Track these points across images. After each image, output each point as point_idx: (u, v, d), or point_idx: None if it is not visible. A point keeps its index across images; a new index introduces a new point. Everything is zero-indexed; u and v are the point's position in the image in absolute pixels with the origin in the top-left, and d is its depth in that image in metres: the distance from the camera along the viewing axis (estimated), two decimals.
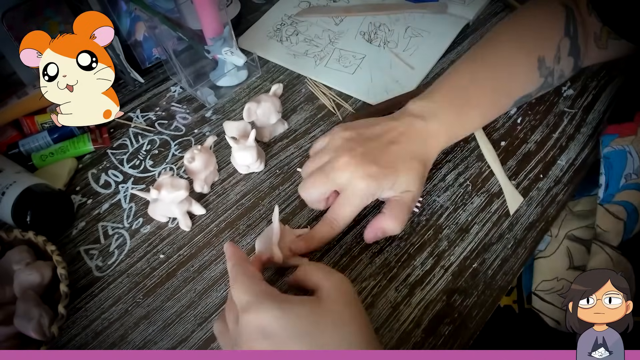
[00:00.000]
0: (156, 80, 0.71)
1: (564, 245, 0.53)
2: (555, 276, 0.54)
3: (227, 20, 0.64)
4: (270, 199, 0.57)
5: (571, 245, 0.55)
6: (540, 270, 0.52)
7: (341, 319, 0.35)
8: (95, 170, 0.61)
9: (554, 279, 0.54)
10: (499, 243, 0.52)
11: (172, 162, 0.61)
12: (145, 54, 0.71)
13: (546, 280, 0.55)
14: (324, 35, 0.76)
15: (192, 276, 0.51)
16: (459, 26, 0.74)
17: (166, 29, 0.62)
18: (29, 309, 0.45)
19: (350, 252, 0.51)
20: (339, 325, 0.35)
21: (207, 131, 0.64)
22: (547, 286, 0.54)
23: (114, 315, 0.49)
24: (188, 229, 0.54)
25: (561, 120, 0.62)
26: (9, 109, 0.63)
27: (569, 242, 0.55)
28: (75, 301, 0.50)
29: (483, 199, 0.55)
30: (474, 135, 0.61)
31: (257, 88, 0.69)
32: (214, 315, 0.48)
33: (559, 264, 0.55)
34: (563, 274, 0.54)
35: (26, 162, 0.60)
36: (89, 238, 0.55)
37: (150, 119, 0.67)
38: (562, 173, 0.57)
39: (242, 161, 0.56)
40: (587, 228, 0.55)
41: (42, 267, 0.48)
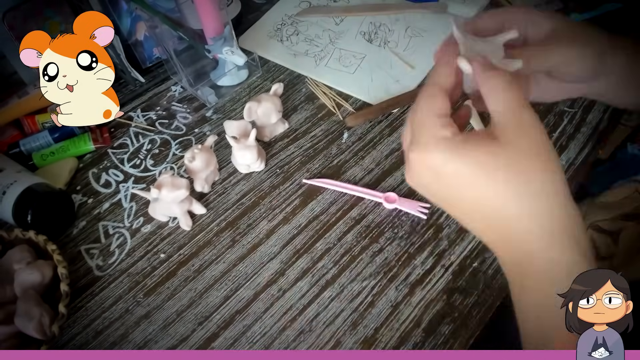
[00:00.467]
0: (157, 79, 0.71)
1: (588, 236, 0.53)
2: None
3: (227, 20, 0.64)
4: (271, 198, 0.57)
5: (597, 236, 0.54)
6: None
7: (527, 173, 0.29)
8: (95, 169, 0.61)
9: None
10: None
11: (173, 162, 0.61)
12: (145, 53, 0.71)
13: None
14: (324, 35, 0.76)
15: (192, 275, 0.51)
16: None
17: (167, 29, 0.62)
18: (29, 308, 0.45)
19: (351, 252, 0.51)
20: (522, 183, 0.29)
21: (208, 130, 0.64)
22: None
23: (115, 314, 0.49)
24: (188, 228, 0.55)
25: (561, 119, 0.62)
26: (10, 109, 0.63)
27: (594, 233, 0.54)
28: (76, 300, 0.50)
29: None
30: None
31: (258, 87, 0.69)
32: (215, 314, 0.48)
33: None
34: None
35: (27, 161, 0.60)
36: (89, 237, 0.55)
37: (151, 118, 0.67)
38: None
39: (243, 160, 0.56)
40: (613, 220, 0.54)
41: (42, 266, 0.48)
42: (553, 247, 0.29)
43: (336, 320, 0.47)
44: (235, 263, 0.52)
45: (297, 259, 0.52)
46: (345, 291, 0.49)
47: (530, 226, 0.29)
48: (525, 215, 0.29)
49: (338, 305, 0.48)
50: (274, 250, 0.52)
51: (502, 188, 0.29)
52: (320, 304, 0.48)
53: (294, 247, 0.53)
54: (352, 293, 0.49)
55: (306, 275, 0.50)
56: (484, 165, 0.29)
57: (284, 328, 0.47)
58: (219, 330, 0.47)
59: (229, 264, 0.52)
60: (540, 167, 0.29)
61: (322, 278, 0.50)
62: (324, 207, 0.55)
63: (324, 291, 0.49)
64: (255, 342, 0.47)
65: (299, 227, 0.54)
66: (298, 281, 0.50)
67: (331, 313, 0.48)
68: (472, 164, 0.29)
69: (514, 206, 0.29)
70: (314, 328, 0.47)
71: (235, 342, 0.47)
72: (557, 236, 0.29)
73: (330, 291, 0.49)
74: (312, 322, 0.47)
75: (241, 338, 0.47)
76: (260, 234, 0.54)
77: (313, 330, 0.47)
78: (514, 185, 0.29)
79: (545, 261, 0.29)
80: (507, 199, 0.29)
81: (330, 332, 0.47)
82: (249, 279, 0.50)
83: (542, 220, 0.29)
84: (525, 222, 0.29)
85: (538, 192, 0.29)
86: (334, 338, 0.46)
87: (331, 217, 0.54)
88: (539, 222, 0.29)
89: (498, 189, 0.29)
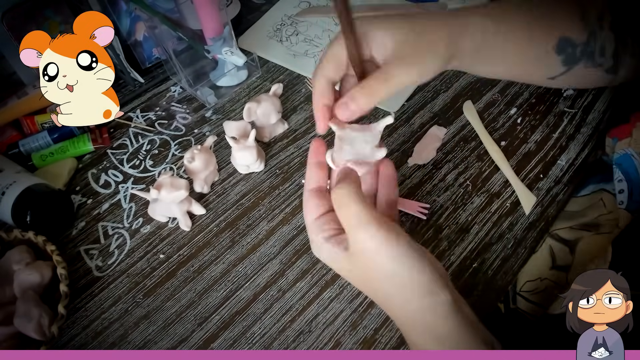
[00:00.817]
0: (156, 80, 0.71)
1: (547, 244, 0.53)
2: (539, 276, 0.54)
3: (227, 20, 0.64)
4: (271, 198, 0.57)
5: (555, 244, 0.55)
6: (524, 271, 0.53)
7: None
8: (95, 170, 0.61)
9: (537, 279, 0.54)
10: (499, 243, 0.52)
11: (172, 162, 0.61)
12: (145, 53, 0.71)
13: (530, 281, 0.55)
14: (323, 35, 0.76)
15: (192, 276, 0.51)
16: None
17: (166, 29, 0.62)
18: (29, 309, 0.45)
19: None
20: (371, 290, 0.38)
21: (207, 131, 0.64)
22: (531, 286, 0.55)
23: (114, 315, 0.49)
24: (188, 228, 0.55)
25: (561, 120, 0.62)
26: (9, 109, 0.63)
27: (552, 242, 0.55)
28: (75, 301, 0.50)
29: (483, 199, 0.55)
30: (475, 135, 0.61)
31: (257, 88, 0.69)
32: (214, 315, 0.48)
33: (542, 262, 0.55)
34: (546, 273, 0.54)
35: (26, 162, 0.60)
36: (89, 238, 0.55)
37: (150, 118, 0.67)
38: (562, 173, 0.57)
39: (242, 161, 0.56)
40: (572, 229, 0.55)
41: (42, 267, 0.48)
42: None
43: (336, 320, 0.47)
44: (235, 264, 0.52)
45: (297, 259, 0.52)
46: (344, 292, 0.49)
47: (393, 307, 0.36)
48: (382, 303, 0.37)
49: (338, 305, 0.48)
50: (273, 250, 0.52)
51: (362, 288, 0.38)
52: (319, 304, 0.48)
53: (293, 247, 0.52)
54: (351, 293, 0.49)
55: (306, 275, 0.50)
56: (347, 271, 0.37)
57: (283, 329, 0.47)
58: (218, 330, 0.47)
59: (229, 265, 0.52)
60: (379, 277, 0.34)
61: (322, 279, 0.50)
62: None
63: (323, 292, 0.49)
64: (255, 342, 0.46)
65: (298, 227, 0.54)
66: (298, 282, 0.50)
67: (331, 314, 0.48)
68: (343, 269, 0.37)
69: (378, 298, 0.37)
70: (314, 329, 0.47)
71: (235, 342, 0.47)
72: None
73: (330, 292, 0.49)
74: (312, 323, 0.47)
75: (241, 339, 0.47)
76: (260, 235, 0.54)
77: (313, 331, 0.47)
78: (367, 291, 0.38)
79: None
80: (372, 294, 0.38)
81: (330, 333, 0.47)
82: (249, 280, 0.50)
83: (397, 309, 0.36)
84: (386, 305, 0.37)
85: (386, 298, 0.35)
86: (333, 339, 0.46)
87: None
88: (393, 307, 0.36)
89: (365, 288, 0.38)
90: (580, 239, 0.53)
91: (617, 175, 0.54)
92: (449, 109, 0.64)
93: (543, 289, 0.53)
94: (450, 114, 0.64)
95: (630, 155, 0.52)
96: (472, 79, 0.68)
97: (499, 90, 0.66)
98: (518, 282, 0.53)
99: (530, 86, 0.66)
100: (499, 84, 0.67)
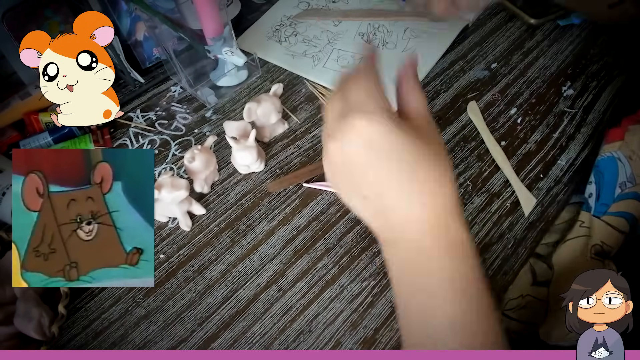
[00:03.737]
0: (156, 80, 0.71)
1: (527, 262, 0.54)
2: (520, 294, 0.54)
3: (227, 20, 0.64)
4: (271, 198, 0.57)
5: (534, 262, 0.56)
6: (508, 289, 0.53)
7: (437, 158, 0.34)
8: None
9: (519, 296, 0.55)
10: (499, 243, 0.52)
11: (172, 162, 0.61)
12: (145, 53, 0.71)
13: (513, 299, 0.55)
14: (322, 35, 0.76)
15: (192, 276, 0.51)
16: (458, 27, 0.73)
17: (166, 29, 0.62)
18: (29, 309, 0.45)
19: (351, 252, 0.51)
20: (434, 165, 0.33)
21: (207, 131, 0.64)
22: (514, 304, 0.55)
23: (114, 315, 0.49)
24: (188, 228, 0.55)
25: (561, 120, 0.62)
26: (11, 110, 0.63)
27: (532, 259, 0.55)
28: (76, 301, 0.50)
29: (483, 199, 0.55)
30: (475, 135, 0.61)
31: (257, 88, 0.69)
32: (214, 315, 0.48)
33: (524, 280, 0.55)
34: (528, 289, 0.55)
35: None
36: None
37: (151, 119, 0.67)
38: (562, 173, 0.57)
39: (243, 161, 0.56)
40: (547, 245, 0.56)
41: None
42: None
43: (336, 320, 0.47)
44: (235, 264, 0.52)
45: (297, 259, 0.52)
46: (345, 292, 0.49)
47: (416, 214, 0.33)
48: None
49: (338, 305, 0.48)
50: (273, 250, 0.52)
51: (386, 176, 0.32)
52: (320, 304, 0.48)
53: (293, 247, 0.52)
54: (352, 293, 0.49)
55: (306, 275, 0.50)
56: (414, 148, 0.32)
57: (283, 328, 0.47)
58: (218, 330, 0.47)
59: (229, 265, 0.52)
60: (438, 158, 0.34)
61: (322, 279, 0.50)
62: (324, 208, 0.55)
63: (323, 292, 0.49)
64: (255, 342, 0.46)
65: (298, 227, 0.54)
66: (298, 282, 0.50)
67: (331, 313, 0.48)
68: (407, 143, 0.32)
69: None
70: (314, 328, 0.47)
71: (235, 342, 0.47)
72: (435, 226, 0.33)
73: (330, 292, 0.49)
74: (312, 323, 0.47)
75: (241, 339, 0.47)
76: (260, 235, 0.54)
77: (313, 331, 0.47)
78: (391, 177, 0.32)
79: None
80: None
81: (330, 333, 0.47)
82: (249, 280, 0.50)
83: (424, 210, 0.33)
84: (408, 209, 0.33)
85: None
86: (334, 338, 0.46)
87: (331, 218, 0.54)
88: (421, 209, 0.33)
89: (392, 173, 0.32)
90: (554, 251, 0.54)
91: (590, 178, 0.54)
92: (449, 109, 0.64)
93: (524, 305, 0.54)
94: (451, 114, 0.64)
95: (615, 159, 0.52)
96: (472, 79, 0.68)
97: (499, 90, 0.66)
98: (502, 302, 0.53)
99: (531, 86, 0.66)
100: (499, 83, 0.67)
